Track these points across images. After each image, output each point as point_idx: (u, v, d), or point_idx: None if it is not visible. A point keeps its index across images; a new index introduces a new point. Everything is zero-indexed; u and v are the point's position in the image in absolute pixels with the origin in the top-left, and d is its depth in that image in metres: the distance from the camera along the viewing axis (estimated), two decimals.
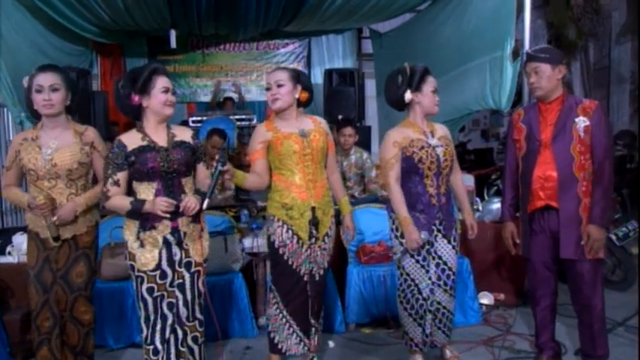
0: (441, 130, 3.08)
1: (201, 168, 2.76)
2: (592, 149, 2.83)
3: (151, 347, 2.64)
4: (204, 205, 2.58)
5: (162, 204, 2.52)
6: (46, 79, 2.70)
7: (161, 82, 2.59)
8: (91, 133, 2.86)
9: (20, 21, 4.77)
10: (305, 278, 2.89)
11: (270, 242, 2.92)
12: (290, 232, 2.86)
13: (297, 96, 2.87)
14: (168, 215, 2.54)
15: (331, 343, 3.59)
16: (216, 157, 2.60)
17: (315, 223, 2.84)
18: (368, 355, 3.48)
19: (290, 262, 2.87)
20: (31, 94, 2.72)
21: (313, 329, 2.93)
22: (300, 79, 2.90)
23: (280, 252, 2.88)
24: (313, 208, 2.84)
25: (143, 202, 2.54)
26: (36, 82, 2.70)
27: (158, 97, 2.58)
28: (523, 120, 3.01)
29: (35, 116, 2.82)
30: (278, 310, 2.93)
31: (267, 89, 2.87)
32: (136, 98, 2.57)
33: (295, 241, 2.86)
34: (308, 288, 2.89)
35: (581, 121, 2.83)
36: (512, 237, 3.10)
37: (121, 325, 3.57)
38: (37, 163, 2.71)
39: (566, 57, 6.94)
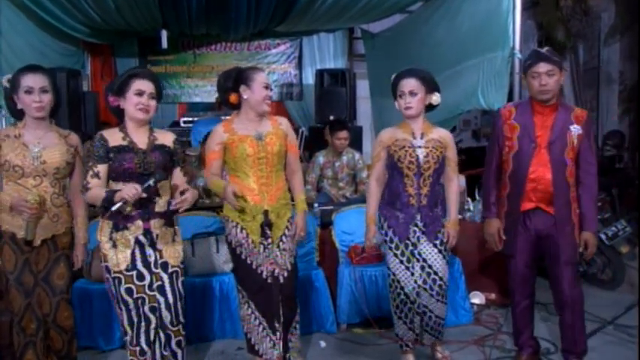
0: (437, 133, 3.04)
1: (177, 173, 2.74)
2: (578, 157, 2.92)
3: (137, 348, 2.62)
4: (115, 208, 2.50)
5: (130, 189, 2.45)
6: (36, 80, 2.67)
7: (136, 85, 2.58)
8: (74, 138, 2.84)
9: (16, 21, 4.75)
10: (269, 280, 2.88)
11: (228, 243, 2.95)
12: (244, 232, 2.87)
13: None
14: (130, 200, 2.47)
15: (323, 344, 3.59)
16: (155, 175, 2.56)
17: (267, 225, 2.87)
18: (359, 355, 3.48)
19: (249, 262, 2.88)
20: (16, 94, 2.67)
21: (278, 334, 2.88)
22: None
23: (238, 252, 2.89)
24: (266, 212, 2.86)
25: (115, 191, 2.51)
26: (25, 82, 2.66)
27: (131, 100, 2.59)
28: (516, 118, 2.98)
29: (16, 116, 2.76)
30: (250, 310, 2.90)
31: (265, 87, 2.89)
32: (112, 99, 2.60)
33: (250, 241, 2.87)
34: (273, 290, 2.87)
35: (576, 129, 2.89)
36: (498, 233, 3.08)
37: (111, 326, 3.54)
38: (25, 160, 2.66)
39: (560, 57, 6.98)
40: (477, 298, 4.20)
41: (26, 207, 2.61)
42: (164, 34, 6.54)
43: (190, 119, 6.69)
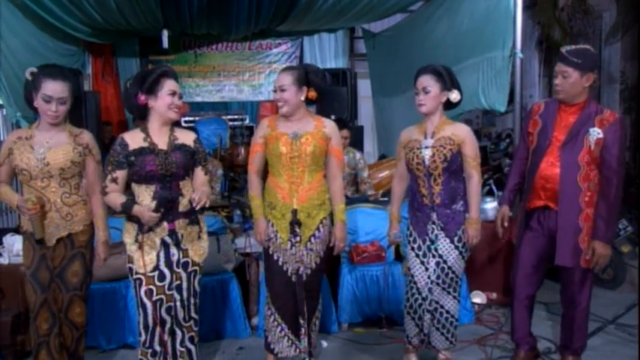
0: (452, 130, 2.95)
1: (199, 172, 2.74)
2: (600, 162, 2.80)
3: (150, 350, 2.65)
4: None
5: (149, 220, 2.55)
6: (55, 89, 2.65)
7: (169, 85, 2.59)
8: (86, 136, 2.85)
9: (14, 22, 4.75)
10: (293, 279, 2.90)
11: None
12: (274, 227, 2.91)
13: (302, 97, 2.87)
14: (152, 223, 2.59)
15: (324, 343, 3.59)
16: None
17: (296, 223, 2.87)
18: (361, 354, 3.48)
19: (276, 258, 2.91)
20: (35, 94, 2.66)
21: (302, 330, 2.93)
22: (308, 78, 2.88)
23: (266, 247, 2.95)
24: (295, 211, 2.87)
25: (132, 205, 2.55)
26: (44, 89, 2.64)
27: (164, 99, 2.59)
28: (541, 114, 2.97)
29: (32, 109, 2.78)
30: (270, 312, 2.95)
31: (274, 91, 2.89)
32: (142, 97, 2.58)
33: (279, 237, 2.90)
34: (297, 288, 2.91)
35: (595, 132, 2.79)
36: (502, 220, 3.10)
37: (113, 326, 3.56)
38: (30, 162, 2.69)
39: (554, 57, 6.98)
40: (479, 298, 4.20)
41: (25, 208, 2.64)
42: (165, 33, 6.54)
43: (191, 119, 6.69)
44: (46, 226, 2.72)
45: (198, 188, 2.68)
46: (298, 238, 2.89)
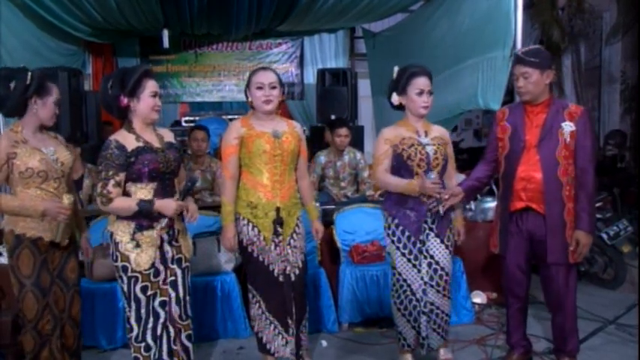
0: (438, 131, 3.08)
1: (181, 168, 2.81)
2: (575, 154, 2.85)
3: (142, 344, 2.63)
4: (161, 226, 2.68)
5: (177, 209, 2.58)
6: (59, 92, 2.73)
7: (150, 87, 2.58)
8: (62, 138, 2.88)
9: (14, 22, 4.75)
10: (280, 279, 2.89)
11: (239, 242, 2.93)
12: (256, 229, 2.88)
13: (280, 99, 2.93)
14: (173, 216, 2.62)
15: (324, 343, 3.60)
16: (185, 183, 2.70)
17: (279, 222, 2.88)
18: (360, 354, 3.48)
19: (261, 260, 2.89)
20: (40, 99, 2.62)
21: (290, 331, 2.90)
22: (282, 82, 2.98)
23: (249, 250, 2.90)
24: (278, 209, 2.88)
25: (151, 202, 2.54)
26: (57, 94, 2.70)
27: (147, 101, 2.58)
28: (508, 119, 3.00)
29: (16, 114, 2.69)
30: (260, 310, 2.92)
31: (259, 88, 2.86)
32: (125, 100, 2.55)
33: (262, 239, 2.88)
34: (285, 288, 2.89)
35: (568, 126, 2.84)
36: (448, 192, 2.95)
37: (113, 325, 3.56)
38: (48, 164, 2.65)
39: (554, 58, 6.99)
40: (479, 298, 4.20)
41: (63, 209, 2.59)
42: (165, 33, 6.54)
43: (192, 119, 6.70)
44: (58, 226, 2.71)
45: (180, 183, 2.76)
46: (280, 237, 2.90)
